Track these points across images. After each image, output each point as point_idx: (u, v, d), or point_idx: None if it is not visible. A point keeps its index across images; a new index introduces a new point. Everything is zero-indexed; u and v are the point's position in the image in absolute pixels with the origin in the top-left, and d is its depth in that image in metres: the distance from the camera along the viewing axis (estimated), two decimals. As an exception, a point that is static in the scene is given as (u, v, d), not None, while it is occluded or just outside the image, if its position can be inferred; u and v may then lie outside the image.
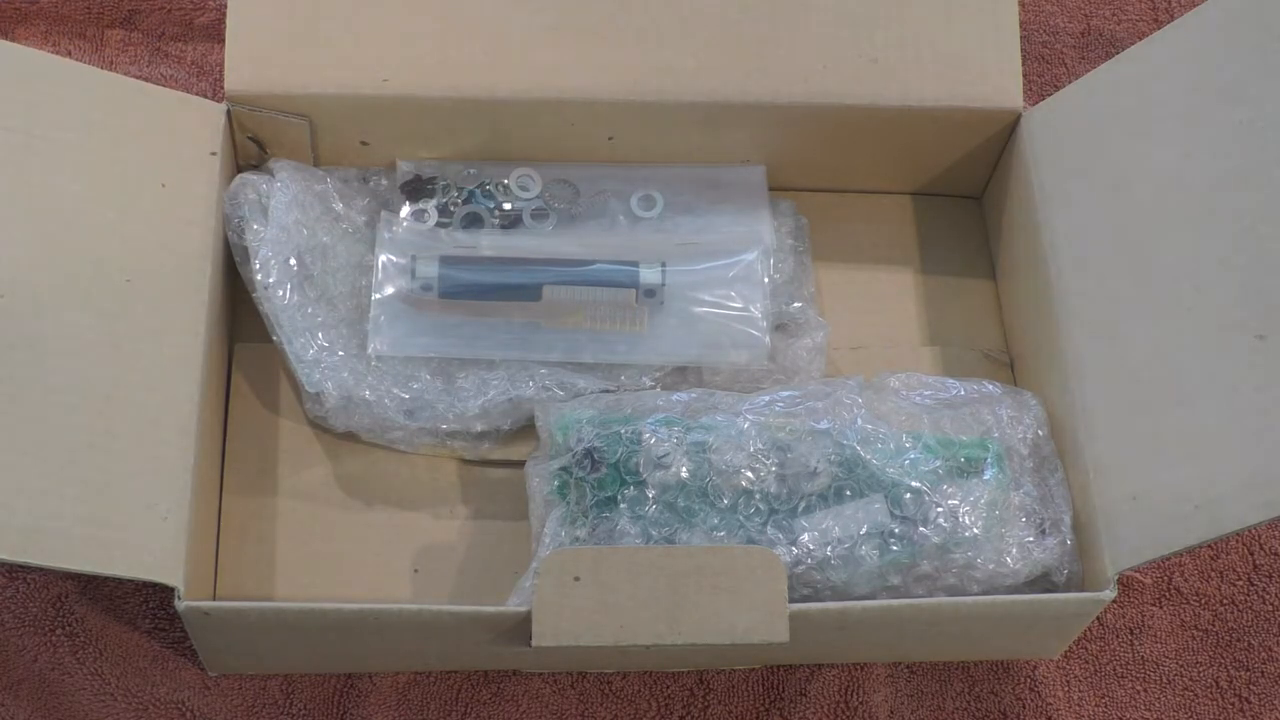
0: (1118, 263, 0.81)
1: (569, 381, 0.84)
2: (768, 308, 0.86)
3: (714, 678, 0.84)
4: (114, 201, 0.80)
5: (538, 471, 0.80)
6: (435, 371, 0.84)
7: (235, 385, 0.86)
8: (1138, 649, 0.86)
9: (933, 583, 0.78)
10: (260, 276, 0.83)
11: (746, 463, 0.79)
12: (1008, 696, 0.84)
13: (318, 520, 0.83)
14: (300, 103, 0.86)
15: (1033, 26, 1.04)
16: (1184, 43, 0.82)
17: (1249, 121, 0.77)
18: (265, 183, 0.86)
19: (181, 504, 0.74)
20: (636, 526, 0.78)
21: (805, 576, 0.77)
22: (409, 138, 0.89)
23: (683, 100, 0.87)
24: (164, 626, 0.82)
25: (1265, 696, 0.85)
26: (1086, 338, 0.82)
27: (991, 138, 0.90)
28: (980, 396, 0.84)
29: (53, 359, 0.74)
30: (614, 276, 0.85)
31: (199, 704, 0.81)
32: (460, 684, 0.82)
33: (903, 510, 0.78)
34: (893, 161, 0.90)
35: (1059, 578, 0.80)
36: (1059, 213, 0.86)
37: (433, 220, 0.88)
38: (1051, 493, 0.81)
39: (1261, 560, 0.89)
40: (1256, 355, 0.73)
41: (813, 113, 0.87)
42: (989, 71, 0.88)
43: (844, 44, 0.87)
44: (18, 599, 0.83)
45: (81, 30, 1.00)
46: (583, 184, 0.91)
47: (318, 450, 0.85)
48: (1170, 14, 1.05)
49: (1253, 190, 0.76)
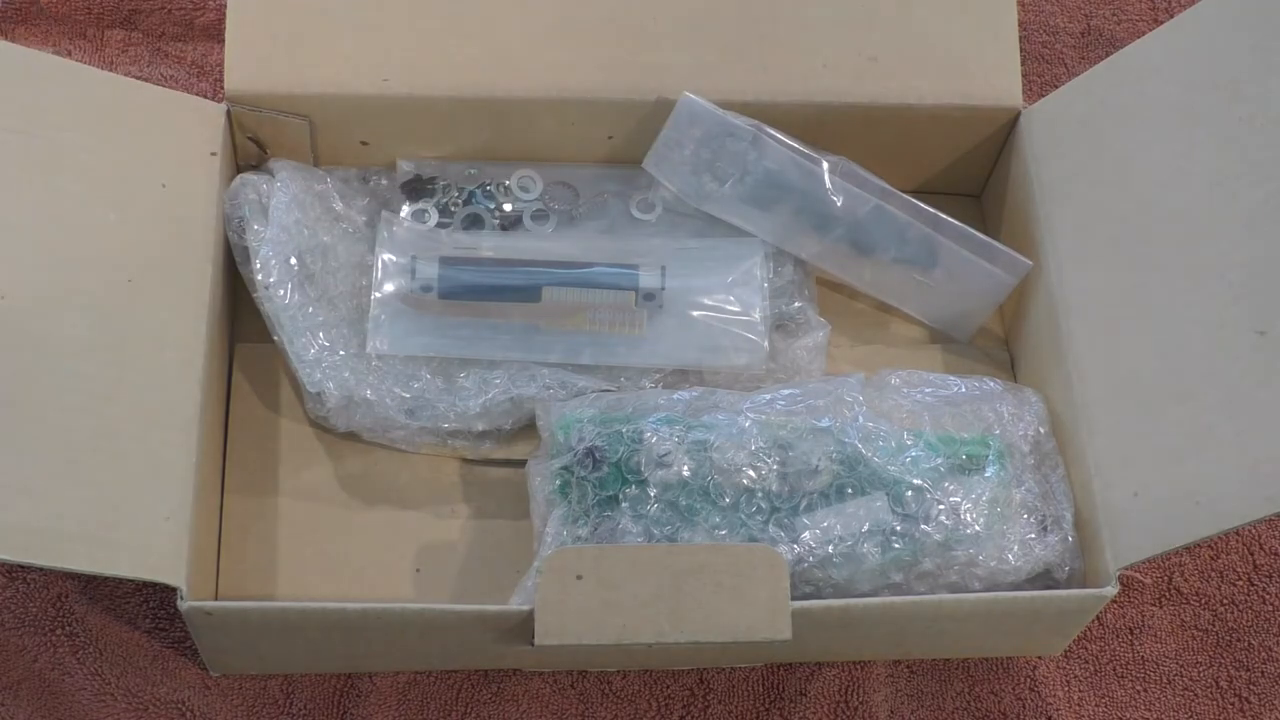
0: (1117, 260, 0.81)
1: (570, 381, 0.84)
2: (766, 312, 0.86)
3: (714, 677, 0.84)
4: (114, 201, 0.80)
5: (539, 470, 0.80)
6: (436, 371, 0.84)
7: (236, 385, 0.86)
8: (1138, 649, 0.86)
9: (934, 580, 0.78)
10: (261, 276, 0.83)
11: (748, 461, 0.79)
12: (1008, 696, 0.84)
13: (319, 520, 0.83)
14: (300, 103, 0.86)
15: (1033, 26, 1.04)
16: (1183, 40, 0.82)
17: (1248, 118, 0.77)
18: (265, 183, 0.86)
19: (183, 504, 0.74)
20: (638, 525, 0.78)
21: (807, 574, 0.77)
22: (409, 138, 0.89)
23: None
24: (164, 626, 0.82)
25: (1265, 696, 0.85)
26: (1087, 334, 0.82)
27: (991, 136, 0.90)
28: (981, 393, 0.84)
29: (53, 359, 0.74)
30: (614, 279, 0.85)
31: (199, 704, 0.81)
32: (460, 684, 0.82)
33: (904, 508, 0.78)
34: (892, 160, 0.90)
35: (1060, 574, 0.80)
36: (1058, 210, 0.86)
37: (433, 220, 0.88)
38: (1053, 489, 0.81)
39: (1261, 560, 0.89)
40: (1257, 351, 0.73)
41: (813, 112, 0.87)
42: (988, 70, 0.88)
43: (844, 43, 0.88)
44: (18, 599, 0.82)
45: (81, 30, 1.00)
46: (583, 186, 0.91)
47: (319, 450, 0.85)
48: (1170, 13, 1.05)
49: (1252, 187, 0.76)
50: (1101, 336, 0.81)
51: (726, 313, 0.86)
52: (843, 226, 0.87)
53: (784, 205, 0.87)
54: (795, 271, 0.89)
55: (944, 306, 0.90)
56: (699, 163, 0.87)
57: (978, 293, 0.89)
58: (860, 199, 0.87)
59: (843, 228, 0.88)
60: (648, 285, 0.85)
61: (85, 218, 0.79)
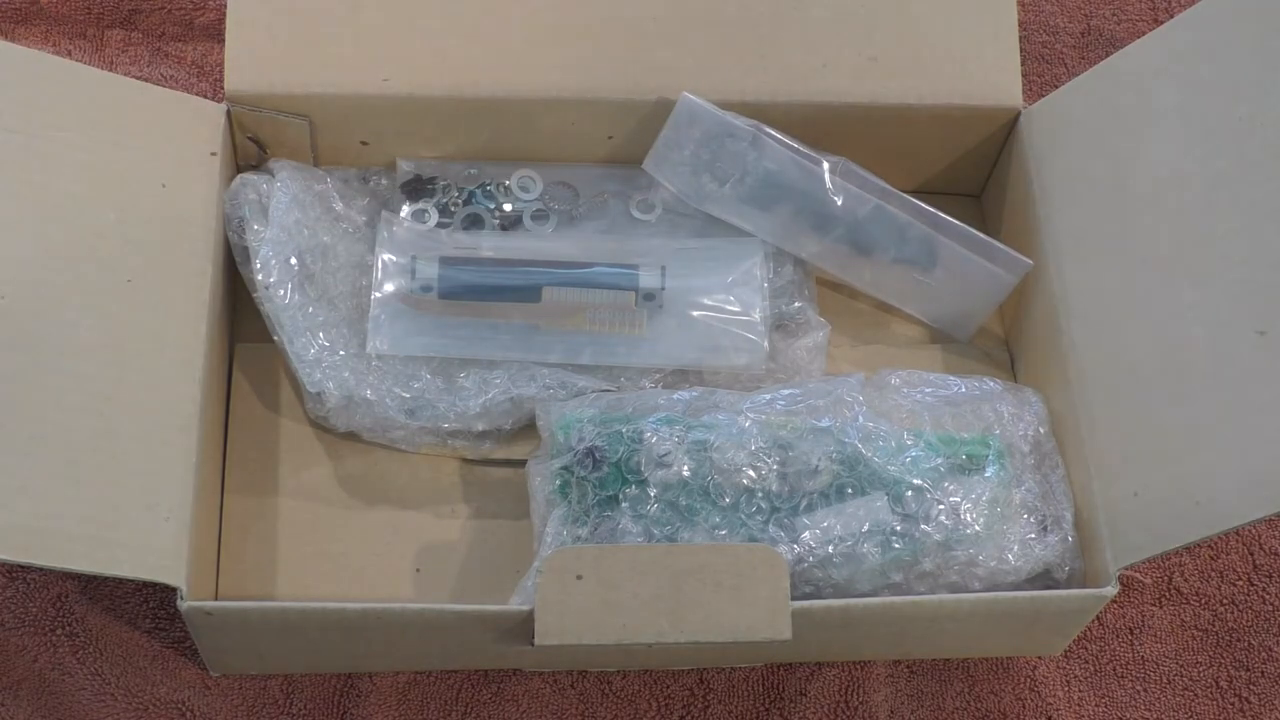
0: (1117, 260, 0.81)
1: (570, 381, 0.84)
2: (766, 312, 0.86)
3: (714, 677, 0.84)
4: (114, 201, 0.80)
5: (539, 470, 0.80)
6: (436, 371, 0.84)
7: (236, 385, 0.86)
8: (1138, 649, 0.86)
9: (935, 580, 0.78)
10: (261, 276, 0.83)
11: (748, 461, 0.79)
12: (1008, 696, 0.84)
13: (319, 520, 0.83)
14: (300, 103, 0.86)
15: (1033, 26, 1.04)
16: (1183, 40, 0.82)
17: (1248, 118, 0.77)
18: (265, 183, 0.86)
19: (183, 504, 0.74)
20: (638, 525, 0.78)
21: (807, 574, 0.77)
22: (409, 138, 0.89)
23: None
24: (164, 626, 0.82)
25: (1265, 696, 0.85)
26: (1087, 334, 0.82)
27: (991, 136, 0.90)
28: (981, 393, 0.84)
29: (53, 359, 0.74)
30: (614, 279, 0.85)
31: (199, 704, 0.81)
32: (460, 684, 0.82)
33: (904, 508, 0.78)
34: (892, 160, 0.90)
35: (1060, 574, 0.80)
36: (1058, 210, 0.86)
37: (433, 220, 0.88)
38: (1053, 489, 0.81)
39: (1261, 560, 0.89)
40: (1257, 351, 0.73)
41: (813, 112, 0.87)
42: (989, 70, 0.88)
43: (844, 43, 0.88)
44: (18, 599, 0.82)
45: (81, 30, 1.00)
46: (583, 186, 0.91)
47: (319, 450, 0.85)
48: (1170, 13, 1.05)
49: (1252, 186, 0.76)
50: (1101, 336, 0.81)
51: (726, 313, 0.86)
52: (843, 226, 0.87)
53: (784, 205, 0.87)
54: (795, 271, 0.89)
55: (944, 306, 0.90)
56: (699, 163, 0.87)
57: (978, 292, 0.89)
58: (860, 199, 0.87)
59: (843, 228, 0.88)
60: (648, 285, 0.85)
61: (85, 218, 0.79)
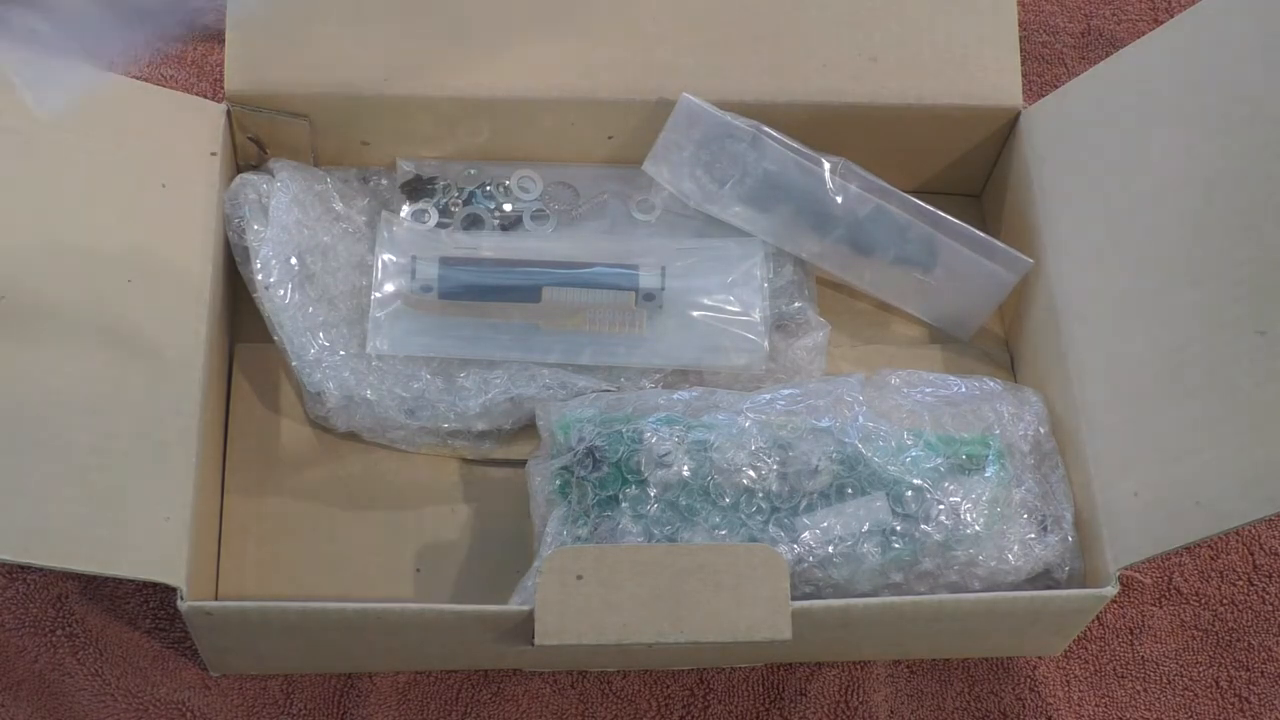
0: (1117, 260, 0.81)
1: (570, 381, 0.84)
2: (766, 312, 0.86)
3: (714, 677, 0.83)
4: (114, 201, 0.80)
5: (539, 470, 0.80)
6: (436, 371, 0.84)
7: (236, 385, 0.86)
8: (1138, 649, 0.86)
9: (934, 580, 0.78)
10: (261, 276, 0.83)
11: (748, 461, 0.79)
12: (1008, 696, 0.84)
13: (319, 520, 0.83)
14: (300, 103, 0.86)
15: (1033, 26, 1.04)
16: (1182, 40, 0.82)
17: (1248, 118, 0.77)
18: (265, 183, 0.86)
19: (183, 504, 0.74)
20: (638, 525, 0.78)
21: (807, 574, 0.77)
22: (409, 138, 0.89)
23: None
24: (164, 626, 0.82)
25: (1265, 696, 0.85)
26: (1087, 334, 0.82)
27: (991, 136, 0.90)
28: (981, 393, 0.84)
29: (53, 359, 0.74)
30: (614, 279, 0.85)
31: (199, 704, 0.81)
32: (460, 684, 0.82)
33: (904, 508, 0.78)
34: (892, 159, 0.90)
35: (1060, 574, 0.80)
36: (1058, 210, 0.86)
37: (433, 220, 0.89)
38: (1053, 489, 0.81)
39: (1261, 560, 0.89)
40: (1257, 351, 0.73)
41: (813, 112, 0.87)
42: (988, 70, 0.88)
43: (844, 43, 0.88)
44: (18, 599, 0.82)
45: (81, 30, 1.00)
46: (583, 186, 0.91)
47: (319, 450, 0.85)
48: (1170, 13, 1.05)
49: (1251, 187, 0.76)
50: (1101, 336, 0.81)
51: (726, 313, 0.86)
52: (843, 226, 0.88)
53: (784, 206, 0.87)
54: (795, 271, 0.89)
55: (944, 305, 0.90)
56: (699, 164, 0.87)
57: (978, 291, 0.89)
58: (860, 199, 0.87)
59: (843, 228, 0.88)
60: (648, 285, 0.85)
61: (85, 218, 0.79)
